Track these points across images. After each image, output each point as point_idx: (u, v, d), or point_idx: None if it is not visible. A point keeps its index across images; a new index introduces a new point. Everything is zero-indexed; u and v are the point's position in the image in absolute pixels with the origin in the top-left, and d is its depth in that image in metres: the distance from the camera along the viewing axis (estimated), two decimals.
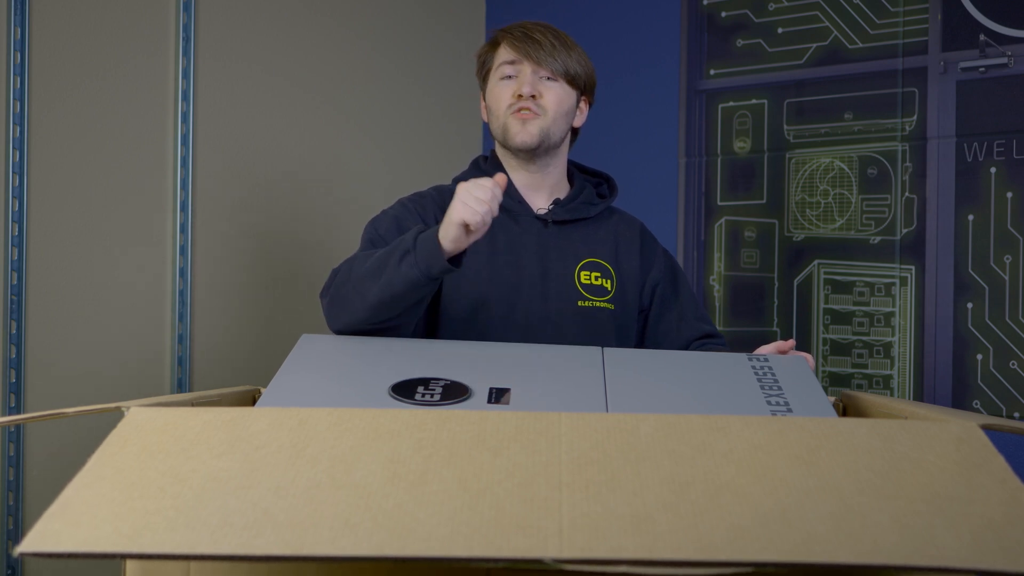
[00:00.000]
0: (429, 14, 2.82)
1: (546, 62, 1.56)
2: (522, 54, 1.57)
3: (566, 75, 1.58)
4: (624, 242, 1.66)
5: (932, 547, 0.73)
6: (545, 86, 1.57)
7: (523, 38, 1.57)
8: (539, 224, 1.61)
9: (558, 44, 1.57)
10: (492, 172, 1.63)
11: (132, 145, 2.06)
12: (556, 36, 1.59)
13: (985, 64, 2.30)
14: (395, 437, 0.87)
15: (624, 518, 0.75)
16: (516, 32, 1.59)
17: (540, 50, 1.56)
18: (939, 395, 2.35)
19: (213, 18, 2.21)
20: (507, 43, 1.59)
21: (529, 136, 1.56)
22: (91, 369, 1.98)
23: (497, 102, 1.59)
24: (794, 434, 0.89)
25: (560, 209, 1.62)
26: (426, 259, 1.29)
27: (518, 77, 1.57)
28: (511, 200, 1.60)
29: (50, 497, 0.78)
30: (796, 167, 2.54)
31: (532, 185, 1.63)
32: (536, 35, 1.57)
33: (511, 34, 1.59)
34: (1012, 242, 2.27)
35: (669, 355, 1.46)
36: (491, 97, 1.61)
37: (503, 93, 1.58)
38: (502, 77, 1.59)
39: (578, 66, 1.59)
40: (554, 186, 1.64)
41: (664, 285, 1.67)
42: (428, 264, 1.29)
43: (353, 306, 1.36)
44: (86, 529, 0.74)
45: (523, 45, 1.56)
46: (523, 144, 1.57)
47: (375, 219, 1.58)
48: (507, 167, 1.63)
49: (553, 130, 1.58)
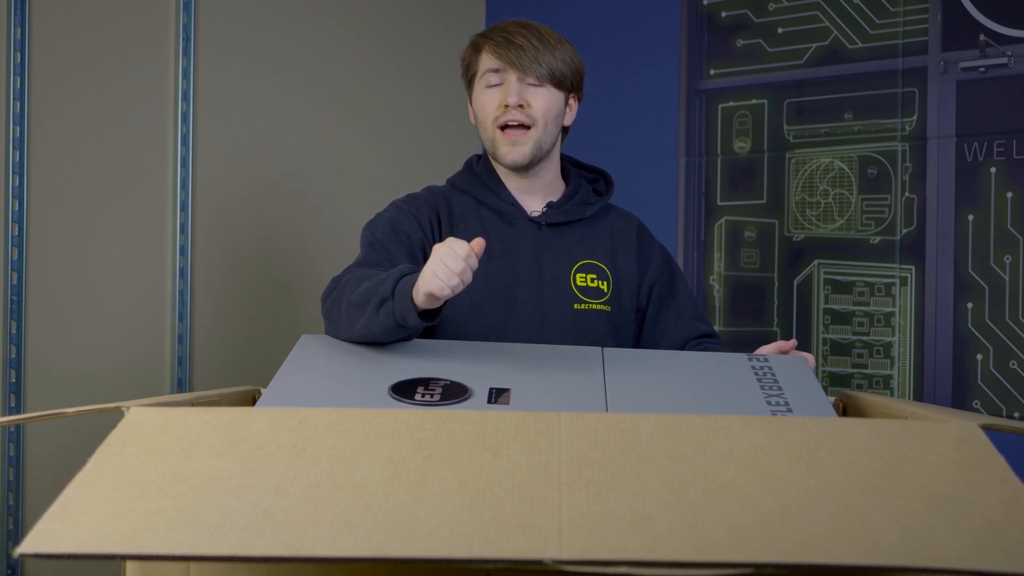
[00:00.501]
0: (429, 14, 2.82)
1: (531, 68, 1.52)
2: (505, 61, 1.53)
3: (552, 78, 1.55)
4: (621, 241, 1.64)
5: (932, 547, 0.73)
6: (532, 93, 1.54)
7: (505, 44, 1.54)
8: (533, 227, 1.59)
9: (541, 46, 1.54)
10: (485, 174, 1.62)
11: (132, 145, 2.06)
12: (539, 37, 1.55)
13: (985, 64, 2.30)
14: (395, 437, 0.87)
15: (624, 518, 0.75)
16: (497, 38, 1.55)
17: (524, 56, 1.52)
18: (939, 395, 2.35)
19: (213, 18, 2.21)
20: (489, 50, 1.56)
21: (520, 156, 1.54)
22: (91, 369, 1.98)
23: (484, 111, 1.57)
24: (794, 434, 0.89)
25: (554, 211, 1.60)
26: (401, 310, 1.26)
27: (503, 86, 1.54)
28: (505, 204, 1.59)
29: (50, 497, 0.78)
30: (796, 167, 2.54)
31: (526, 189, 1.61)
32: (518, 39, 1.53)
33: (492, 40, 1.56)
34: (1012, 242, 2.27)
35: (669, 355, 1.46)
36: (477, 105, 1.58)
37: (489, 102, 1.55)
38: (488, 85, 1.56)
39: (563, 65, 1.56)
40: (548, 188, 1.63)
41: (661, 285, 1.65)
42: (403, 315, 1.26)
43: (344, 331, 1.35)
44: (86, 529, 0.74)
45: (506, 52, 1.53)
46: (514, 164, 1.55)
47: (371, 223, 1.56)
48: (499, 172, 1.62)
49: (544, 139, 1.56)
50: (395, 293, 1.27)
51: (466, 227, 1.56)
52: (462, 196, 1.61)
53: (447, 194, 1.62)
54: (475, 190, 1.61)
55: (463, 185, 1.62)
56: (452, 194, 1.62)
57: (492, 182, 1.61)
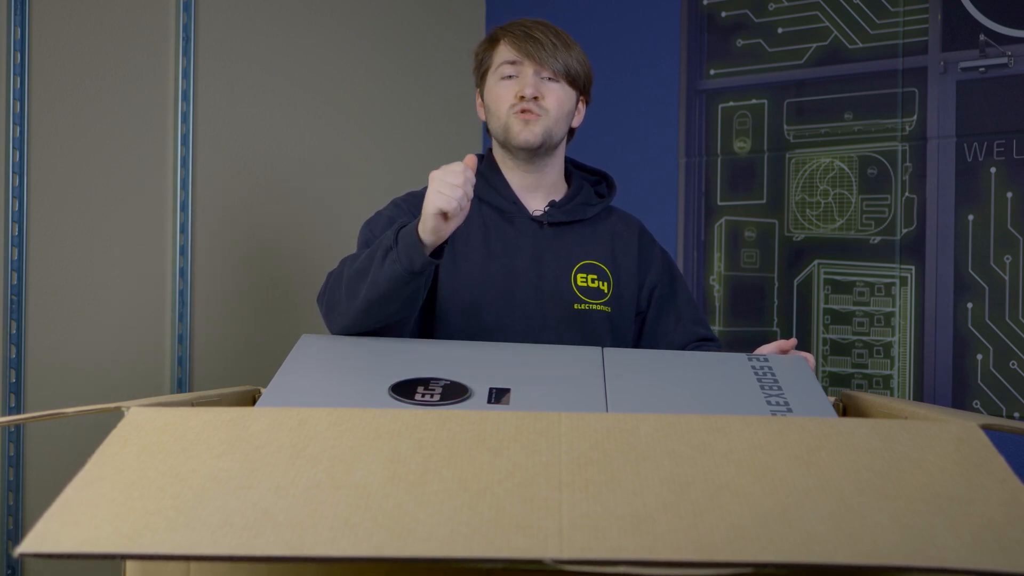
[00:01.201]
0: (429, 14, 2.81)
1: (548, 62, 1.54)
2: (523, 54, 1.55)
3: (567, 75, 1.56)
4: (622, 243, 1.64)
5: (932, 547, 0.73)
6: (547, 87, 1.55)
7: (524, 37, 1.55)
8: (535, 226, 1.59)
9: (559, 43, 1.56)
10: (488, 172, 1.62)
11: (132, 145, 2.06)
12: (556, 35, 1.57)
13: (985, 64, 2.30)
14: (395, 437, 0.87)
15: (624, 518, 0.75)
16: (516, 31, 1.57)
17: (542, 50, 1.54)
18: (939, 395, 2.35)
19: (213, 18, 2.21)
20: (507, 42, 1.57)
21: (533, 135, 1.55)
22: (91, 369, 1.98)
23: (498, 102, 1.57)
24: (794, 434, 0.89)
25: (556, 211, 1.60)
26: (407, 253, 1.30)
27: (519, 78, 1.55)
28: (506, 202, 1.60)
29: (50, 497, 0.78)
30: (796, 167, 2.54)
31: (529, 186, 1.61)
32: (536, 34, 1.55)
33: (511, 32, 1.57)
34: (1012, 242, 2.27)
35: (669, 355, 1.46)
36: (491, 97, 1.59)
37: (504, 93, 1.56)
38: (503, 77, 1.57)
39: (578, 65, 1.58)
40: (551, 187, 1.63)
41: (662, 288, 1.66)
42: (410, 258, 1.29)
43: (346, 308, 1.36)
44: (86, 529, 0.74)
45: (524, 44, 1.55)
46: (526, 143, 1.55)
47: (370, 220, 1.57)
48: (503, 168, 1.62)
49: (555, 131, 1.57)
50: (398, 240, 1.30)
51: (466, 225, 1.57)
52: None
53: None
54: (477, 187, 1.61)
55: None
56: None
57: (495, 179, 1.61)
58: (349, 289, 1.36)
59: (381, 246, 1.33)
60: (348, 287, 1.36)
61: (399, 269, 1.30)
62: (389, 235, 1.33)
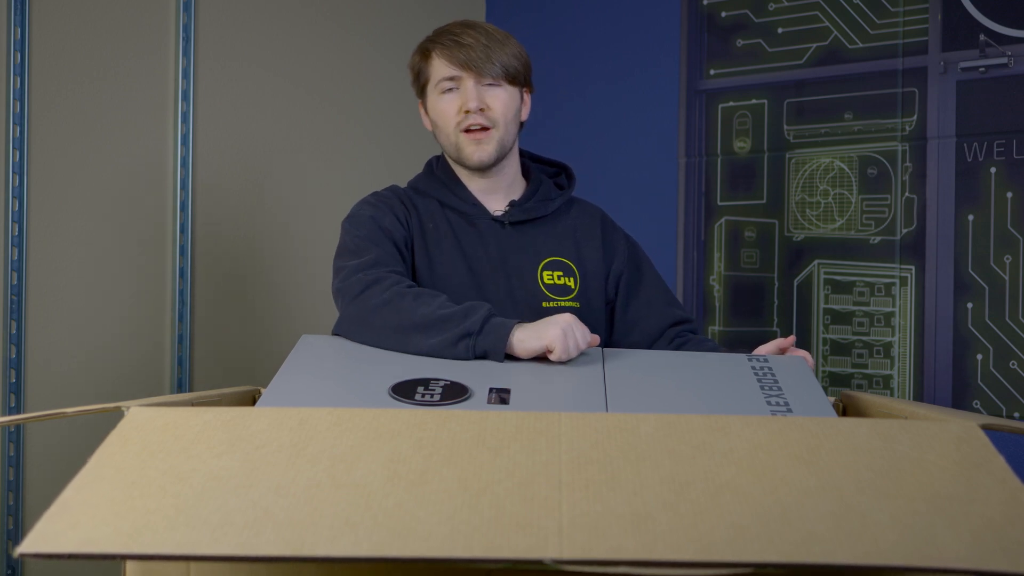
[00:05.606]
0: (429, 14, 2.81)
1: (485, 69, 1.52)
2: (459, 65, 1.52)
3: (506, 75, 1.54)
4: (585, 235, 1.64)
5: (932, 547, 0.73)
6: (490, 95, 1.53)
7: (456, 46, 1.52)
8: (497, 226, 1.59)
9: (491, 44, 1.53)
10: (445, 176, 1.61)
11: (132, 145, 2.06)
12: (487, 35, 1.54)
13: (985, 64, 2.30)
14: (395, 437, 0.87)
15: (624, 518, 0.75)
16: (446, 41, 1.54)
17: (476, 57, 1.51)
18: (939, 395, 2.35)
19: (213, 18, 2.21)
20: (441, 55, 1.54)
21: (486, 155, 1.54)
22: (91, 369, 1.98)
23: (443, 117, 1.56)
24: (794, 434, 0.89)
25: (517, 210, 1.59)
26: (484, 347, 1.30)
27: (461, 90, 1.53)
28: (467, 204, 1.59)
29: (50, 497, 0.78)
30: (796, 167, 2.54)
31: (487, 189, 1.61)
32: (468, 40, 1.52)
33: (441, 44, 1.54)
34: (1012, 242, 2.27)
35: (669, 355, 1.46)
36: (435, 112, 1.57)
37: (448, 108, 1.54)
38: (444, 91, 1.55)
39: (515, 60, 1.55)
40: (509, 186, 1.62)
41: (628, 274, 1.65)
42: (485, 351, 1.30)
43: (383, 341, 1.35)
44: (86, 529, 0.74)
45: (458, 54, 1.52)
46: (480, 163, 1.55)
47: (353, 221, 1.54)
48: (459, 174, 1.61)
49: (506, 139, 1.56)
50: (483, 330, 1.30)
51: (435, 226, 1.56)
52: (424, 198, 1.61)
53: (411, 195, 1.62)
54: (437, 192, 1.61)
55: (424, 187, 1.62)
56: (414, 196, 1.62)
57: (453, 183, 1.61)
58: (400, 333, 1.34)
59: (460, 325, 1.31)
60: (399, 330, 1.34)
61: (469, 356, 1.30)
62: (476, 320, 1.31)
